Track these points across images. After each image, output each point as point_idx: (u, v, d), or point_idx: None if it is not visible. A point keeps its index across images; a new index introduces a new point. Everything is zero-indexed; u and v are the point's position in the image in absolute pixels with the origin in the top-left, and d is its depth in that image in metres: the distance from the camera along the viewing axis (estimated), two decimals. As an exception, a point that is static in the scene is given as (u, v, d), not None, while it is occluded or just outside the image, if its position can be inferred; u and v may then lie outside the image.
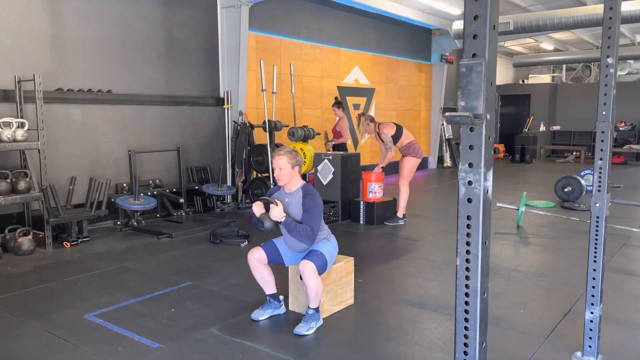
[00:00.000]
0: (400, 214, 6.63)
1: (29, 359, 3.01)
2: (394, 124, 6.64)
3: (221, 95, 7.88)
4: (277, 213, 3.36)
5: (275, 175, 3.50)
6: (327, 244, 3.52)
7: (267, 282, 3.59)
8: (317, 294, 3.35)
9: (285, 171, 3.45)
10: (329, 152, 7.22)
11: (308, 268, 3.27)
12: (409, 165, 6.57)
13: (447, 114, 1.34)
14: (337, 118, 8.30)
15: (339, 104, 8.32)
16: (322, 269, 3.37)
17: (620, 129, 15.31)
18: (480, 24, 1.33)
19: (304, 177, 7.77)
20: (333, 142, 8.16)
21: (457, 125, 1.35)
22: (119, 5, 6.56)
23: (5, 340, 3.25)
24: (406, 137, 6.57)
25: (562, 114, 16.65)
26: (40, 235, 5.49)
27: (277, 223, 3.41)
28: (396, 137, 6.50)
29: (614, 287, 4.14)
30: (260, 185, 7.59)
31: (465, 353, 1.49)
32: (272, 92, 7.66)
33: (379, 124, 6.60)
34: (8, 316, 3.62)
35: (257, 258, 3.52)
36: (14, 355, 3.05)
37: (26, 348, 3.14)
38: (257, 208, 3.46)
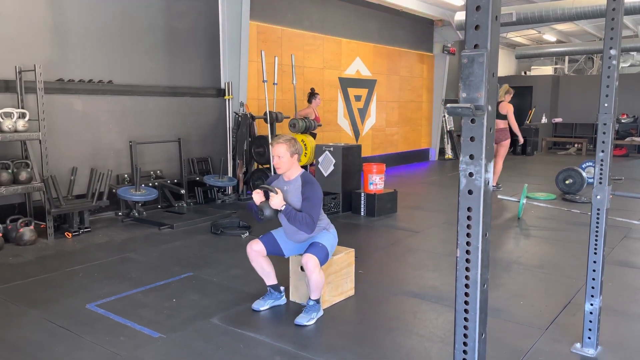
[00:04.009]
0: (493, 183, 7.91)
1: (30, 348, 3.03)
2: (505, 110, 8.17)
3: (222, 86, 7.86)
4: (277, 201, 3.35)
5: (274, 163, 3.48)
6: (327, 235, 3.52)
7: (267, 274, 3.60)
8: (319, 286, 3.37)
9: (284, 159, 3.43)
10: (330, 144, 7.22)
11: (311, 262, 3.28)
12: None
13: (448, 105, 1.34)
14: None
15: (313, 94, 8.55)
16: (323, 260, 3.39)
17: (622, 121, 15.26)
18: (482, 15, 1.33)
19: (304, 168, 7.76)
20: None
21: (459, 116, 1.35)
22: (119, -5, 6.53)
23: (7, 329, 3.27)
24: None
25: (564, 106, 16.60)
26: (42, 226, 5.50)
27: (277, 211, 3.42)
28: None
29: (614, 279, 4.14)
30: (261, 177, 7.60)
31: (465, 344, 1.49)
32: (273, 83, 7.65)
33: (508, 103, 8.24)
34: (10, 306, 3.64)
35: (255, 250, 3.53)
36: (16, 344, 3.07)
37: (28, 337, 3.16)
38: (257, 196, 3.46)
